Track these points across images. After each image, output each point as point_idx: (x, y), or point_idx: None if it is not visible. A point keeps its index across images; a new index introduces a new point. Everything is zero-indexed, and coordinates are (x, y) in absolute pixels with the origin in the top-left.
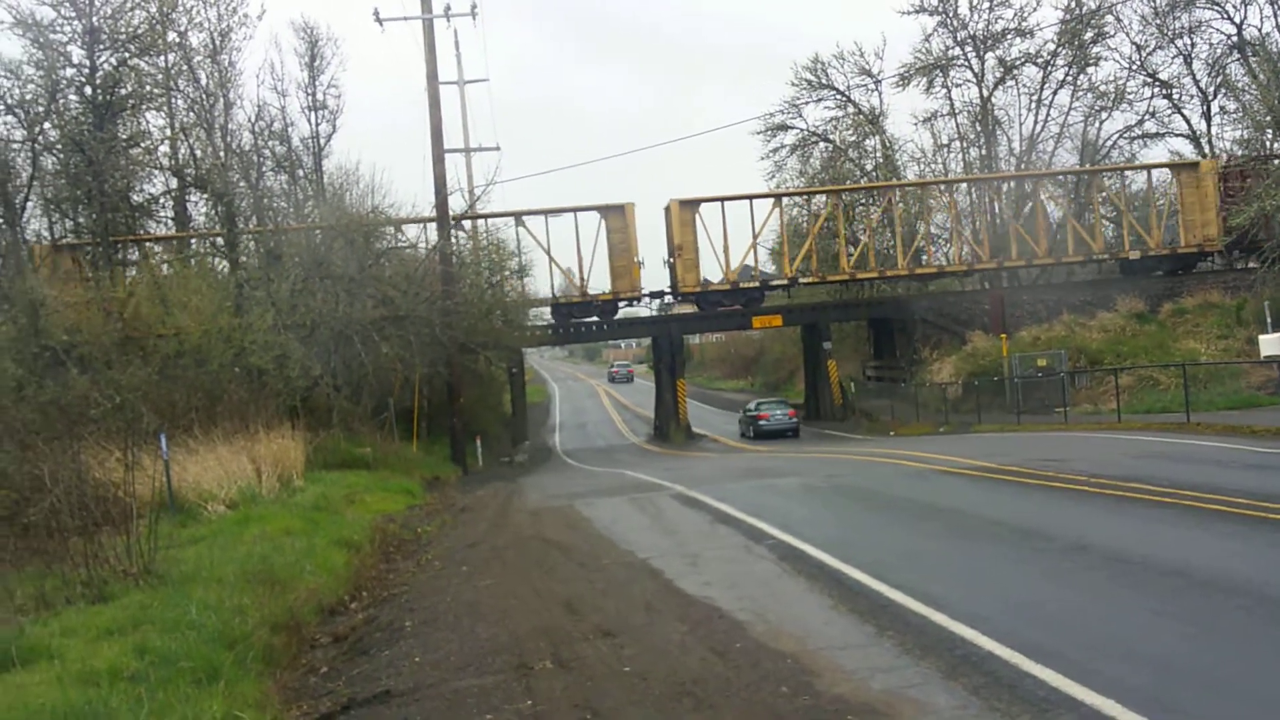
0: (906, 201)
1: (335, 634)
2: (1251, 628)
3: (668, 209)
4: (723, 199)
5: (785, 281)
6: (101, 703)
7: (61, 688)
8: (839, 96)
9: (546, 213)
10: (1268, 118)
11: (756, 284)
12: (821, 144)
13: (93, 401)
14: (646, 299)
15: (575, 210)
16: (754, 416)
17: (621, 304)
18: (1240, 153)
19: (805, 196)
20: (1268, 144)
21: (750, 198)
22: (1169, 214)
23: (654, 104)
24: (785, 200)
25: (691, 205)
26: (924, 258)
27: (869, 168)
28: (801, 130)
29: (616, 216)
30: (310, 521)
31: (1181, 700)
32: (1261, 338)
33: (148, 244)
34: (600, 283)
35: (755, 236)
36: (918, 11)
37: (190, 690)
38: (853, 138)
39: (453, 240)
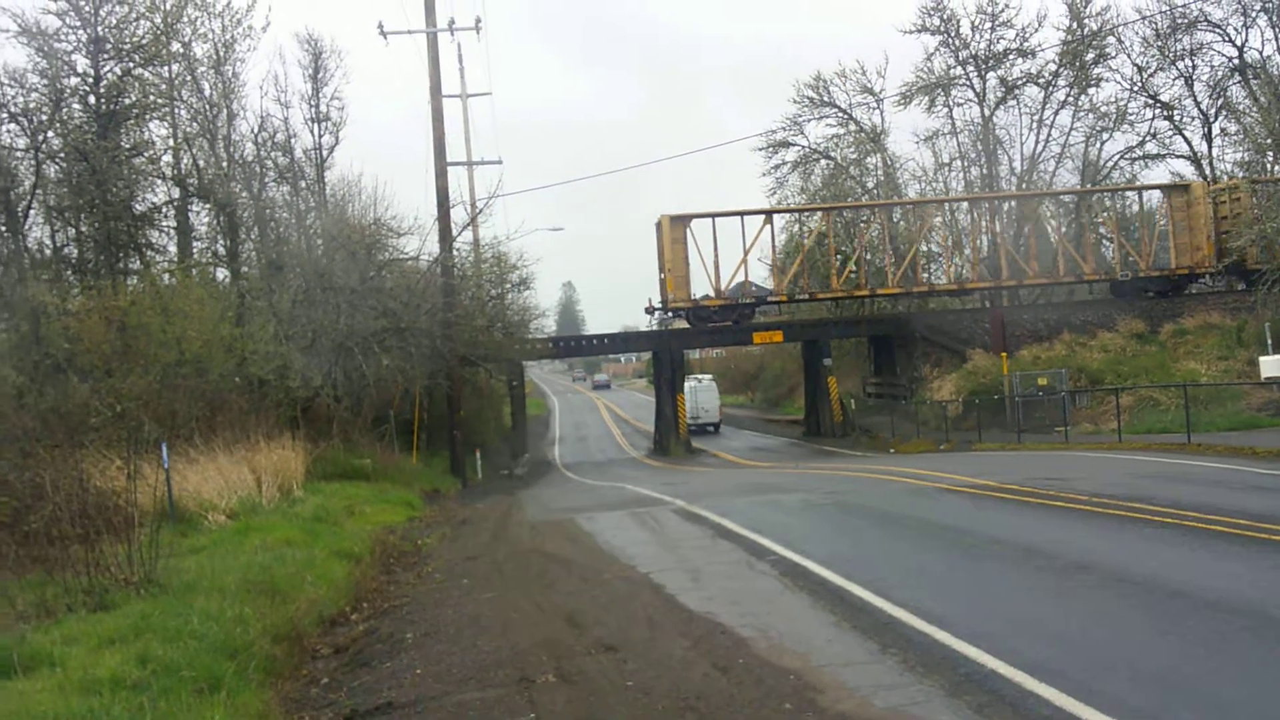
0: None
1: (336, 645)
2: (1255, 649)
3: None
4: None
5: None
6: (104, 711)
7: (63, 695)
8: (841, 114)
9: (1114, 190)
10: (1268, 140)
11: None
12: (823, 161)
13: (93, 410)
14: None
15: (1141, 188)
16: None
17: (1190, 281)
18: (1241, 175)
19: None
20: (1268, 166)
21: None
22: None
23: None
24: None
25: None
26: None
27: (870, 185)
28: (803, 147)
29: (1180, 195)
30: (310, 532)
31: None
32: (1262, 359)
33: (149, 253)
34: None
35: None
36: (920, 31)
37: (192, 700)
38: (854, 155)
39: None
